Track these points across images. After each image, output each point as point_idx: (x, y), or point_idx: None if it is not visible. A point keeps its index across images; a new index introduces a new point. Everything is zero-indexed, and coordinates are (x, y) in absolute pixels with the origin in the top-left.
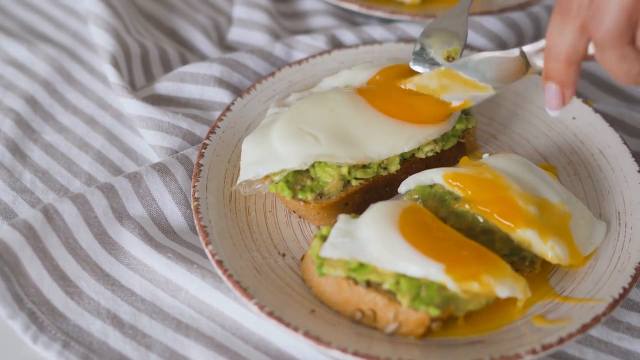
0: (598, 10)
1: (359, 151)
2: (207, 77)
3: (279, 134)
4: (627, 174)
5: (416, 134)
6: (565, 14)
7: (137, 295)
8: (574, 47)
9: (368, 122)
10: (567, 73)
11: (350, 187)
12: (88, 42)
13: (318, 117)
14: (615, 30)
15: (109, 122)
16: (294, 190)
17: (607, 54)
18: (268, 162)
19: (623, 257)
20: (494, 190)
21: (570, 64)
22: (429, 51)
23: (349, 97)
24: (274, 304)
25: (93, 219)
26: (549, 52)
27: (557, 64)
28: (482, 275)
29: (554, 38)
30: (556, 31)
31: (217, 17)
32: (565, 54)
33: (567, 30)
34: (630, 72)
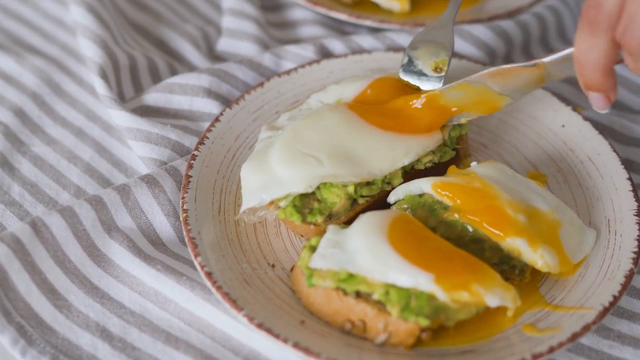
0: (631, 21)
1: (362, 168)
2: (196, 87)
3: (278, 158)
4: (616, 181)
5: (413, 144)
6: (594, 27)
7: (126, 307)
8: (607, 59)
9: (365, 138)
10: (605, 81)
11: (357, 206)
12: (77, 53)
13: (316, 138)
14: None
15: (98, 134)
16: (303, 214)
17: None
18: (272, 188)
19: (613, 264)
20: (483, 199)
21: (606, 74)
22: (417, 63)
23: (342, 115)
24: (264, 315)
25: (81, 231)
26: (582, 66)
27: (594, 76)
28: (472, 284)
29: (587, 53)
30: (586, 45)
31: (206, 27)
32: (600, 67)
33: (598, 43)
34: None
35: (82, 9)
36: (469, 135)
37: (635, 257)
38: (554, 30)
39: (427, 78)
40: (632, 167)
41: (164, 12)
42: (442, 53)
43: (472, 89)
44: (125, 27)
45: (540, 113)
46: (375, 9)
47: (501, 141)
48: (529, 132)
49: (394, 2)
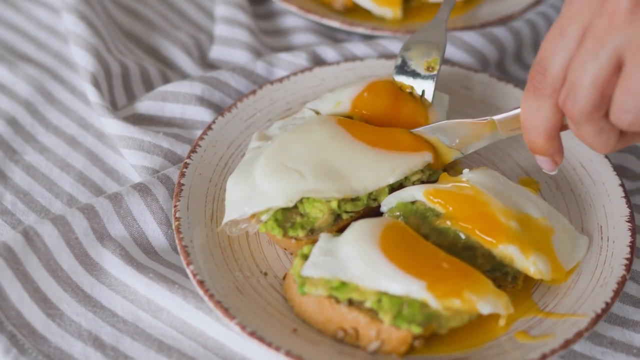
0: (572, 88)
1: (345, 185)
2: (188, 95)
3: (262, 171)
4: (608, 187)
5: (400, 163)
6: (538, 93)
7: (118, 316)
8: (551, 124)
9: (351, 154)
10: (550, 146)
11: (341, 221)
12: (69, 62)
13: (301, 152)
14: (589, 107)
15: (90, 142)
16: (284, 229)
17: (583, 128)
18: (253, 201)
19: (605, 271)
20: (475, 206)
21: (550, 138)
22: (410, 64)
23: (330, 129)
24: (256, 323)
25: (74, 240)
26: (528, 131)
27: (538, 141)
28: (464, 291)
29: (531, 117)
30: (531, 110)
31: (199, 35)
32: (544, 131)
33: (542, 108)
34: (607, 143)
35: (75, 17)
36: None
37: (628, 264)
38: None
39: (421, 77)
40: (625, 173)
41: (157, 19)
42: (434, 52)
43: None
44: (118, 35)
45: None
46: (368, 16)
47: (493, 148)
48: (521, 139)
49: (386, 9)
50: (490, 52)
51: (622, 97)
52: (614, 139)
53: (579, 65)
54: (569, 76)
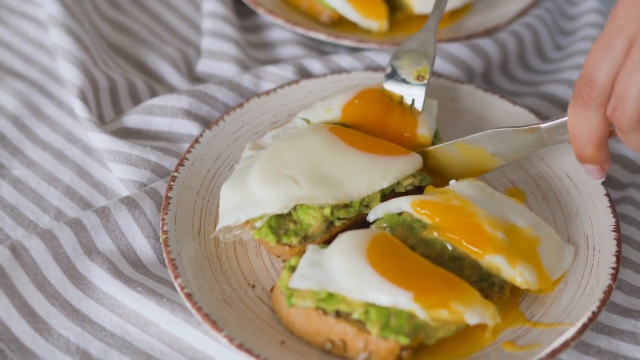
0: (621, 98)
1: (339, 191)
2: (176, 109)
3: (257, 179)
4: (594, 197)
5: (392, 167)
6: (587, 104)
7: (106, 330)
8: (600, 133)
9: (344, 160)
10: (598, 154)
11: (333, 228)
12: (57, 76)
13: (295, 159)
14: (638, 116)
15: (78, 156)
16: (278, 235)
17: (632, 137)
18: (248, 208)
19: (592, 280)
20: (461, 217)
21: (599, 147)
22: (400, 72)
23: (323, 136)
24: (244, 335)
25: (61, 254)
26: (576, 139)
27: (587, 149)
28: (451, 302)
29: (580, 127)
30: (581, 120)
31: (186, 48)
32: (593, 140)
33: (591, 118)
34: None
35: (61, 32)
36: None
37: (614, 273)
38: (532, 48)
39: (410, 86)
40: (611, 182)
41: (144, 33)
42: (424, 61)
43: (468, 150)
44: (105, 49)
45: None
46: (354, 29)
47: None
48: None
49: (372, 22)
50: (475, 64)
51: None
52: None
53: (627, 76)
54: (616, 87)
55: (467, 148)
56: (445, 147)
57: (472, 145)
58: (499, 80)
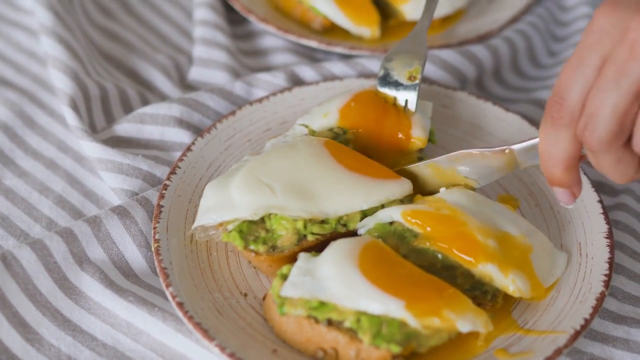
0: (591, 117)
1: (315, 205)
2: (167, 117)
3: (237, 183)
4: (587, 204)
5: (377, 190)
6: (556, 123)
7: (98, 340)
8: (569, 154)
9: (328, 176)
10: (568, 177)
11: (305, 242)
12: (48, 85)
13: (279, 169)
14: (609, 136)
15: (69, 165)
16: (247, 241)
17: (602, 158)
18: (223, 210)
19: (584, 287)
20: (452, 225)
21: (569, 169)
22: (392, 74)
23: (314, 150)
24: (236, 344)
25: (52, 264)
26: (546, 161)
27: (557, 172)
28: (443, 310)
29: (549, 147)
30: (550, 140)
31: (178, 56)
32: (562, 162)
33: (561, 139)
34: (626, 173)
35: (52, 40)
36: None
37: (607, 280)
38: (525, 54)
39: (403, 87)
40: (603, 189)
41: (135, 41)
42: (415, 62)
43: (440, 171)
44: (97, 57)
45: (511, 137)
46: (346, 36)
47: None
48: None
49: (364, 29)
50: (468, 70)
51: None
52: (633, 169)
53: (599, 94)
54: (587, 106)
55: (439, 169)
56: (417, 168)
57: (443, 166)
58: (492, 86)
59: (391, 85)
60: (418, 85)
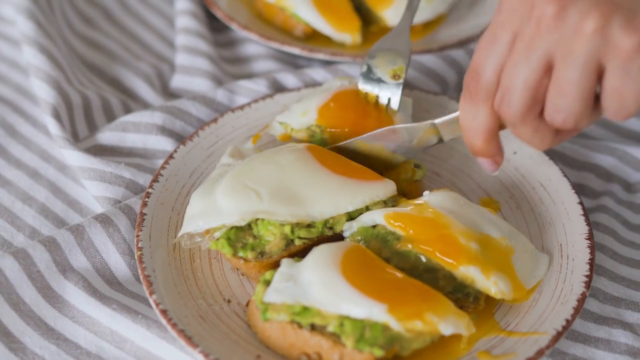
0: (505, 92)
1: (301, 209)
2: (150, 125)
3: (223, 189)
4: (568, 206)
5: (361, 191)
6: (474, 98)
7: (82, 348)
8: (489, 126)
9: (313, 179)
10: (488, 147)
11: (293, 247)
12: (30, 94)
13: (264, 174)
14: (523, 109)
15: (52, 175)
16: (235, 248)
17: (520, 129)
18: (209, 216)
19: (566, 289)
20: (435, 228)
21: (489, 140)
22: (376, 71)
23: (298, 154)
24: (220, 350)
25: (35, 273)
26: (467, 133)
27: (477, 142)
28: (425, 313)
29: (469, 121)
30: (469, 114)
31: (160, 64)
32: (482, 134)
33: (479, 112)
34: (544, 140)
35: (35, 50)
36: None
37: (587, 281)
38: None
39: (387, 85)
40: (584, 191)
41: (118, 50)
42: (400, 60)
43: (369, 147)
44: (79, 66)
45: None
46: (328, 42)
47: (454, 169)
48: None
49: (345, 35)
50: (449, 75)
51: (554, 97)
52: (550, 136)
53: (511, 69)
54: (502, 81)
55: (367, 146)
56: (348, 144)
57: (371, 142)
58: None
59: (374, 82)
60: (402, 84)
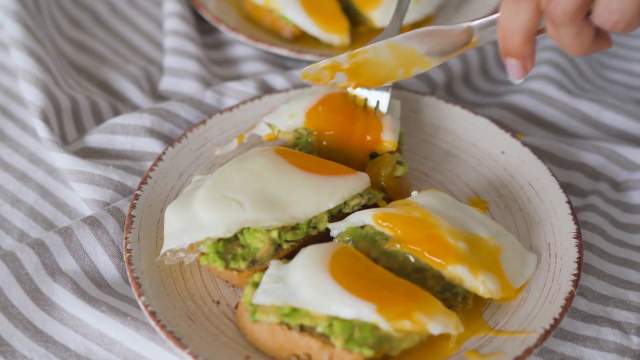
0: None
1: (285, 212)
2: (138, 127)
3: (202, 201)
4: (555, 205)
5: (338, 187)
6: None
7: (71, 350)
8: (529, 25)
9: (290, 181)
10: (525, 48)
11: (282, 251)
12: (19, 98)
13: (241, 182)
14: (572, 9)
15: (41, 177)
16: (226, 260)
17: (563, 30)
18: (192, 231)
19: (554, 287)
20: (423, 228)
21: (527, 40)
22: None
23: (269, 159)
24: (208, 352)
25: (24, 276)
26: (504, 31)
27: (514, 42)
28: (414, 313)
29: (510, 18)
30: (511, 11)
31: (149, 67)
32: (521, 32)
33: (521, 9)
34: (584, 44)
35: (23, 53)
36: (411, 165)
37: (576, 280)
38: (493, 59)
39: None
40: (572, 190)
41: (106, 53)
42: None
43: (399, 51)
44: (68, 69)
45: (481, 140)
46: (316, 44)
47: (442, 169)
48: (470, 160)
49: (333, 36)
50: (437, 76)
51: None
52: (589, 41)
53: None
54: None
55: (397, 48)
56: (375, 49)
57: (402, 45)
58: (462, 91)
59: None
60: (390, 86)
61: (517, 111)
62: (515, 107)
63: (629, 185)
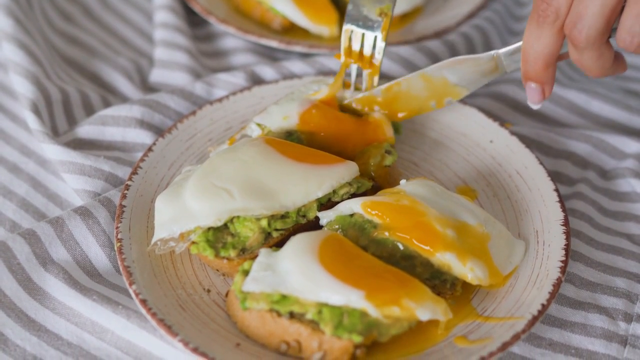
0: (579, 17)
1: (274, 201)
2: (128, 119)
3: (191, 191)
4: (543, 193)
5: (327, 176)
6: (542, 20)
7: (63, 339)
8: (551, 51)
9: (279, 170)
10: (545, 74)
11: (271, 239)
12: (10, 90)
13: (230, 171)
14: (596, 34)
15: (32, 169)
16: (216, 249)
17: (586, 54)
18: (182, 220)
19: (542, 274)
20: (411, 216)
21: (547, 65)
22: (362, 9)
23: (259, 148)
24: (199, 339)
25: (16, 265)
26: (527, 55)
27: (535, 66)
28: (403, 299)
29: (532, 42)
30: (534, 36)
31: (139, 59)
32: (543, 57)
33: (544, 35)
34: (604, 66)
35: (13, 46)
36: (400, 155)
37: (563, 266)
38: (481, 49)
39: (372, 22)
40: (560, 178)
41: (97, 45)
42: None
43: (430, 82)
44: (58, 62)
45: (469, 129)
46: (305, 35)
47: (431, 159)
48: (459, 149)
49: (323, 28)
50: (426, 66)
51: (631, 21)
52: (609, 63)
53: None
54: (575, 5)
55: (430, 79)
56: (408, 81)
57: (434, 75)
58: None
59: (359, 20)
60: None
61: (505, 101)
62: (504, 97)
63: (616, 173)
